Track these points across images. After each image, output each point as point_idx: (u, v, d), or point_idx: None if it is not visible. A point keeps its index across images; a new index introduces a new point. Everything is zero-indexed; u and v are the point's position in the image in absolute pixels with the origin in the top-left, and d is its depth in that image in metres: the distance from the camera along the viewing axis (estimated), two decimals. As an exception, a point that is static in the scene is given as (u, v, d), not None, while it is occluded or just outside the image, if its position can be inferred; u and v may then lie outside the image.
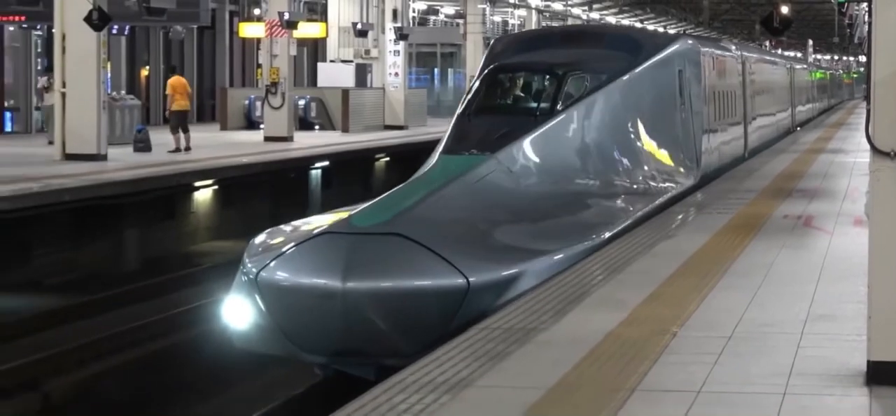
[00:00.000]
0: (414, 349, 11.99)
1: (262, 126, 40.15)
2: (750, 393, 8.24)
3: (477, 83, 20.56)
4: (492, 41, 29.26)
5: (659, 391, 8.25)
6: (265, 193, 32.23)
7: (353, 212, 15.36)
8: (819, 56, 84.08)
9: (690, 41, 25.01)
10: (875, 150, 8.38)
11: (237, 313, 13.89)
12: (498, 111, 19.16)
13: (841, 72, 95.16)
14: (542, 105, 18.89)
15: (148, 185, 26.60)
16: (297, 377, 16.56)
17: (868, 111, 8.80)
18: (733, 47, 30.85)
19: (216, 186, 30.33)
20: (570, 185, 17.86)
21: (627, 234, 16.94)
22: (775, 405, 7.88)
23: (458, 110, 19.58)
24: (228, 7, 51.49)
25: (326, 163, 35.35)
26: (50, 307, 20.96)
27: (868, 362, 8.43)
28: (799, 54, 56.83)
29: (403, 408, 7.95)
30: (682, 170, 21.20)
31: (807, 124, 52.23)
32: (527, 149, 17.66)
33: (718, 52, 26.93)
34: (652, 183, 19.70)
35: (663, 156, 20.67)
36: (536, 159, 17.76)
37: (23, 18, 36.32)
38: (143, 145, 32.19)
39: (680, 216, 19.18)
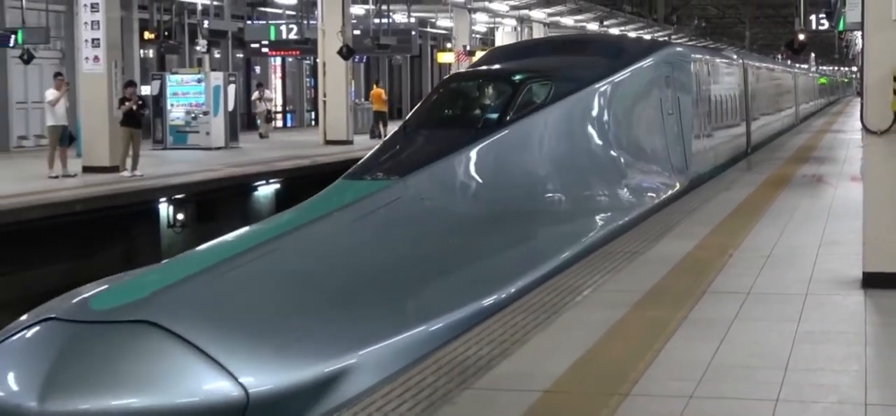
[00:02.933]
0: None
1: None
2: (784, 294, 9.07)
3: (429, 95, 16.33)
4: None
5: (722, 293, 9.10)
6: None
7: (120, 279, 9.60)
8: (824, 67, 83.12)
9: (678, 49, 19.95)
10: (867, 130, 9.34)
11: None
12: (440, 125, 13.79)
13: (841, 77, 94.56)
14: (490, 116, 13.55)
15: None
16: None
17: (861, 104, 9.68)
18: (734, 56, 27.09)
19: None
20: (504, 213, 12.19)
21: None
22: (801, 301, 8.74)
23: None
24: (430, 42, 56.67)
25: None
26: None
27: (863, 272, 9.33)
28: (805, 65, 56.50)
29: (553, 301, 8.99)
30: (664, 177, 15.64)
31: (814, 115, 50.83)
32: (453, 169, 12.36)
33: (714, 59, 22.30)
34: (621, 198, 14.18)
35: (639, 166, 15.23)
36: (465, 182, 12.58)
37: (298, 52, 41.59)
38: (375, 133, 36.93)
39: (735, 175, 19.43)
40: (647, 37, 48.74)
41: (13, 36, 28.73)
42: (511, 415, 5.94)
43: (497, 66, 16.29)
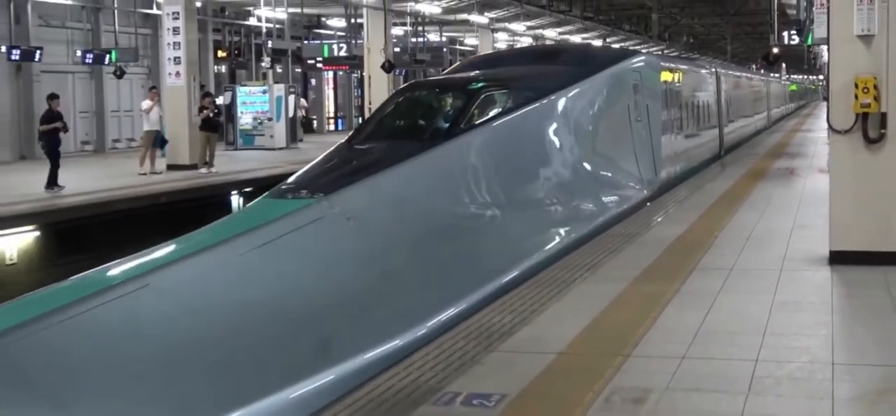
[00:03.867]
0: None
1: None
2: (762, 270, 9.04)
3: (382, 104, 13.23)
4: None
5: (709, 269, 9.07)
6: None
7: None
8: (794, 75, 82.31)
9: (647, 58, 16.42)
10: (832, 129, 9.31)
11: None
12: (386, 136, 11.23)
13: (810, 85, 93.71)
14: (439, 127, 11.27)
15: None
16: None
17: (827, 107, 9.67)
18: (707, 65, 24.37)
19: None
20: (445, 230, 9.90)
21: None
22: (776, 276, 8.73)
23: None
24: (459, 58, 56.19)
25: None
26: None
27: (830, 251, 9.26)
28: (777, 73, 56.01)
29: (554, 289, 8.91)
30: (629, 184, 13.32)
31: (786, 117, 50.18)
32: (389, 184, 9.79)
33: (686, 68, 19.62)
34: (578, 208, 11.79)
35: (600, 174, 12.80)
36: (402, 197, 9.87)
37: (347, 67, 42.63)
38: None
39: (717, 170, 19.23)
40: (634, 47, 46.51)
41: (108, 55, 29.11)
42: (530, 374, 5.94)
43: (458, 75, 13.97)
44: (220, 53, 37.58)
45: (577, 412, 5.23)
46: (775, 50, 37.03)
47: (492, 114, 11.60)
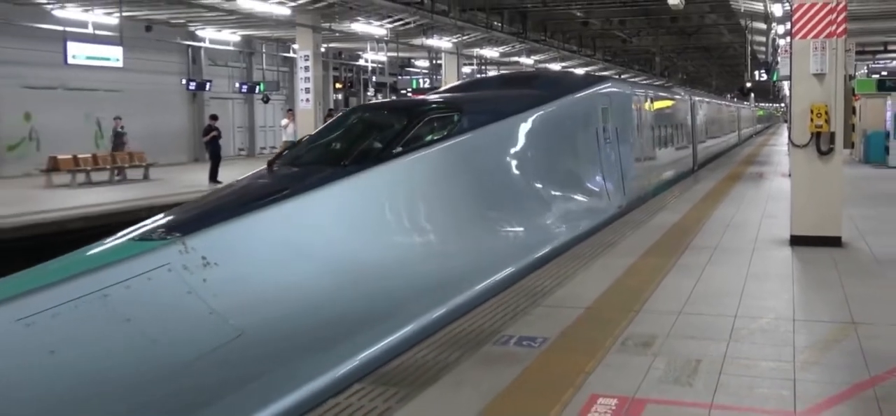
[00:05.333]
0: None
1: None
2: (739, 249, 8.85)
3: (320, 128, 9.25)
4: None
5: (699, 248, 8.92)
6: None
7: None
8: (762, 103, 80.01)
9: (617, 85, 12.90)
10: (793, 144, 9.13)
11: None
12: (311, 159, 7.62)
13: (774, 111, 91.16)
14: (368, 151, 7.53)
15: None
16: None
17: (789, 127, 9.52)
18: (683, 93, 20.43)
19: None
20: (343, 280, 5.99)
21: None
22: (750, 253, 8.57)
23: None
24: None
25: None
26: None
27: (791, 235, 9.12)
28: (747, 101, 54.63)
29: (569, 269, 8.70)
30: (591, 204, 10.21)
31: (755, 135, 48.83)
32: (276, 219, 6.08)
33: (660, 94, 16.19)
34: (522, 238, 8.30)
35: (561, 198, 9.55)
36: (290, 238, 6.02)
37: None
38: None
39: (706, 174, 18.78)
40: (621, 77, 38.56)
41: (257, 86, 29.58)
42: (565, 323, 5.90)
43: (409, 99, 10.41)
44: (338, 85, 37.86)
45: (600, 353, 5.21)
46: (748, 84, 36.77)
47: (427, 139, 7.93)
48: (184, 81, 27.26)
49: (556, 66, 37.38)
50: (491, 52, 35.16)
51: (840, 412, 4.24)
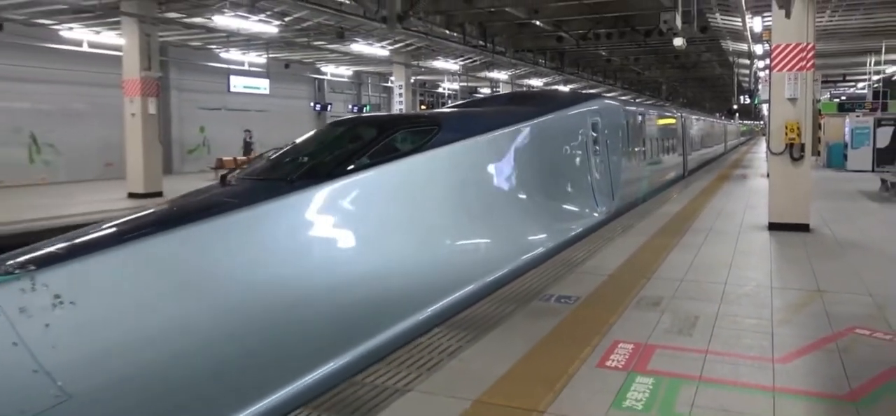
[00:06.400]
0: None
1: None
2: (728, 231, 8.45)
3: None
4: None
5: (696, 230, 8.54)
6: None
7: None
8: (746, 120, 76.33)
9: (608, 102, 10.24)
10: (771, 152, 8.75)
11: None
12: (268, 173, 5.10)
13: (755, 127, 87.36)
14: (325, 164, 5.07)
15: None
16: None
17: (767, 139, 9.16)
18: (675, 111, 17.53)
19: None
20: (253, 316, 3.56)
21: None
22: (737, 235, 8.17)
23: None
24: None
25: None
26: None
27: (769, 222, 8.68)
28: (732, 118, 52.47)
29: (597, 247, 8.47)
30: (579, 212, 8.10)
31: (739, 146, 46.94)
32: (167, 249, 3.52)
33: (651, 112, 13.52)
34: (494, 255, 5.89)
35: (542, 210, 7.15)
36: (175, 269, 3.51)
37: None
38: None
39: (700, 176, 17.96)
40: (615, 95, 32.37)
41: (364, 107, 29.94)
42: (593, 285, 5.75)
43: (387, 115, 6.78)
44: (422, 107, 38.18)
45: (620, 309, 5.08)
46: (734, 106, 35.73)
47: (402, 152, 5.64)
48: (312, 104, 27.86)
49: (585, 91, 36.60)
50: (537, 82, 34.78)
51: (809, 359, 4.07)
